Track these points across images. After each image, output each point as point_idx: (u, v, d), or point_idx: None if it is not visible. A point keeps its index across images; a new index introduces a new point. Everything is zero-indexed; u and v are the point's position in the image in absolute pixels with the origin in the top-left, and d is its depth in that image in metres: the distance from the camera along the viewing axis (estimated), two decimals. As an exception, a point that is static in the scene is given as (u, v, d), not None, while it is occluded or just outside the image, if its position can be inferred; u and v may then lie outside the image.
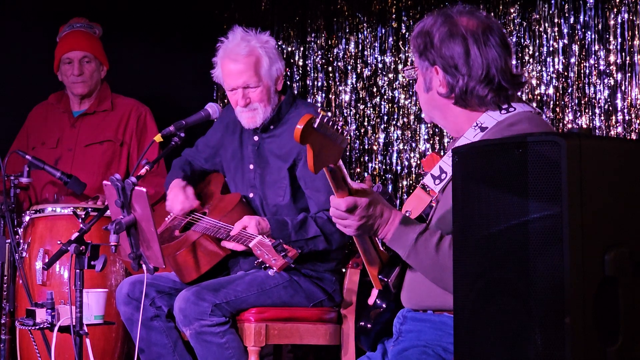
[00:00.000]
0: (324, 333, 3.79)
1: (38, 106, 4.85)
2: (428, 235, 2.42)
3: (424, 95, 2.57)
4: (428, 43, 2.50)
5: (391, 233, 2.43)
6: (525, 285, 1.94)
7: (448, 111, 2.54)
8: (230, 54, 3.75)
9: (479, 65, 2.47)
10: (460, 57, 2.47)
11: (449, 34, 2.48)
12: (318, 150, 2.18)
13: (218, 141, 4.01)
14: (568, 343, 1.88)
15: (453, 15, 2.51)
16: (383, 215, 2.42)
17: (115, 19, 5.23)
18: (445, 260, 2.37)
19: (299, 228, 3.65)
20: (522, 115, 2.47)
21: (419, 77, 2.57)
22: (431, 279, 2.44)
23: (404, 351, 2.47)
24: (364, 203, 2.38)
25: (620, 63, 4.46)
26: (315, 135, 2.15)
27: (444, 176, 2.50)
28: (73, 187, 4.37)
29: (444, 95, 2.51)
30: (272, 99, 3.79)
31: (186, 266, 3.68)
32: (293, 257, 3.29)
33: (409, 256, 2.43)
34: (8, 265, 4.12)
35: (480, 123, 2.49)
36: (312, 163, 2.19)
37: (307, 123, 2.13)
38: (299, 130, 2.12)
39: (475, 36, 2.48)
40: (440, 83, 2.51)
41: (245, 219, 3.61)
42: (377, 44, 5.31)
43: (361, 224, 2.41)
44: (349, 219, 2.40)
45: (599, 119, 4.53)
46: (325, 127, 2.16)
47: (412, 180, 5.14)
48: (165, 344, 3.71)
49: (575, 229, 1.90)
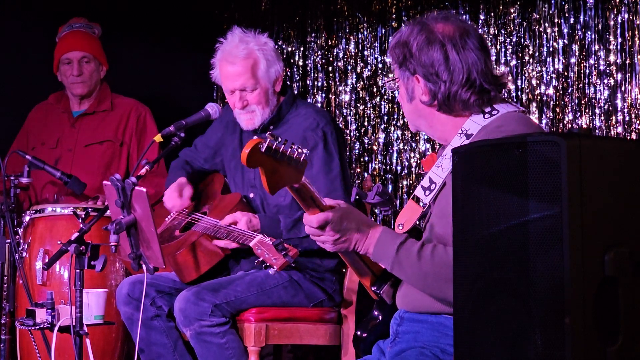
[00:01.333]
0: (324, 333, 3.79)
1: (38, 106, 4.85)
2: (409, 244, 2.42)
3: (408, 105, 2.57)
4: (407, 53, 2.51)
5: (372, 247, 2.44)
6: (525, 285, 1.94)
7: (433, 119, 2.54)
8: (228, 56, 3.75)
9: (460, 69, 2.47)
10: (441, 64, 2.47)
11: (427, 42, 2.48)
12: (270, 172, 2.23)
13: (218, 141, 4.01)
14: (568, 343, 1.88)
15: (428, 23, 2.51)
16: (360, 230, 2.43)
17: (115, 19, 5.23)
18: (427, 267, 2.38)
19: (292, 227, 3.65)
20: (508, 116, 2.47)
21: (400, 88, 2.57)
22: (418, 288, 2.44)
23: (402, 352, 2.47)
24: (335, 218, 2.40)
25: (620, 63, 4.46)
26: (264, 159, 2.20)
27: (434, 187, 2.51)
28: (73, 187, 4.37)
29: (427, 103, 2.51)
30: (270, 101, 3.79)
31: (186, 266, 3.68)
32: (294, 257, 3.29)
33: (393, 268, 2.43)
34: (8, 265, 4.12)
35: (466, 130, 2.48)
36: (266, 185, 2.24)
37: (252, 147, 2.19)
38: (245, 154, 2.18)
39: (453, 41, 2.48)
40: (422, 91, 2.51)
41: (238, 214, 3.62)
42: (377, 44, 5.31)
43: (336, 239, 2.43)
44: (323, 235, 2.43)
45: (599, 119, 4.53)
46: (275, 151, 2.20)
47: (412, 180, 5.14)
48: (166, 344, 3.71)
49: (575, 229, 1.90)
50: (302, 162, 2.26)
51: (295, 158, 2.24)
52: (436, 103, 2.50)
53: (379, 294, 2.61)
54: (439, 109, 2.51)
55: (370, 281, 2.60)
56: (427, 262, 2.39)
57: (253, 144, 2.19)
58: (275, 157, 2.21)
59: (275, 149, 2.21)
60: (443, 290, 2.38)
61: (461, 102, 2.48)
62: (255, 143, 2.19)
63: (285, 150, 2.23)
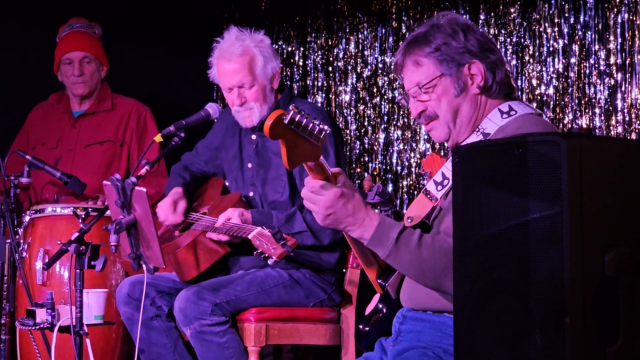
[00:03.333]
0: (324, 333, 3.79)
1: (38, 106, 4.85)
2: (409, 232, 2.39)
3: (454, 100, 2.51)
4: (445, 46, 2.48)
5: (369, 233, 2.38)
6: (525, 285, 1.94)
7: (482, 107, 2.52)
8: (225, 54, 3.76)
9: (492, 46, 2.51)
10: (482, 43, 2.49)
11: (455, 31, 2.49)
12: (291, 146, 2.17)
13: (219, 143, 4.01)
14: (568, 343, 1.88)
15: (436, 21, 2.52)
16: (355, 214, 2.37)
17: (115, 19, 5.23)
18: (426, 253, 2.36)
19: (285, 222, 3.66)
20: (527, 119, 2.46)
21: (441, 86, 2.50)
22: (412, 276, 2.42)
23: (404, 352, 2.46)
24: (332, 194, 2.32)
25: (620, 63, 4.46)
26: (286, 131, 2.14)
27: (447, 182, 2.48)
28: (73, 187, 4.37)
29: (486, 86, 2.49)
30: (268, 98, 3.80)
31: (186, 264, 3.69)
32: (292, 246, 3.29)
33: (389, 255, 2.39)
34: (8, 265, 4.12)
35: (483, 128, 2.47)
36: (286, 159, 2.18)
37: (276, 119, 2.12)
38: (268, 125, 2.11)
39: (471, 26, 2.52)
40: (481, 75, 2.49)
41: (229, 211, 3.62)
42: (377, 44, 5.31)
43: (327, 214, 2.35)
44: (315, 204, 2.35)
45: (599, 119, 4.53)
46: (298, 124, 2.15)
47: (412, 180, 5.14)
48: (166, 343, 3.71)
49: (575, 229, 1.90)
50: (322, 138, 2.21)
51: (316, 134, 2.19)
52: (490, 84, 2.49)
53: (384, 287, 2.59)
54: (490, 90, 2.50)
55: (377, 273, 2.59)
56: (427, 248, 2.37)
57: (276, 115, 2.12)
58: (297, 130, 2.15)
59: (297, 121, 2.15)
60: (438, 279, 2.36)
61: (506, 76, 2.50)
62: (278, 114, 2.12)
63: (307, 125, 2.17)
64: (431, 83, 2.50)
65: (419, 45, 2.51)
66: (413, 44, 2.52)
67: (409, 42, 2.53)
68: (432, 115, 2.53)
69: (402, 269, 2.43)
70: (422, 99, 2.52)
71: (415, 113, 2.55)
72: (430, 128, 2.56)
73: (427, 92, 2.51)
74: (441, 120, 2.52)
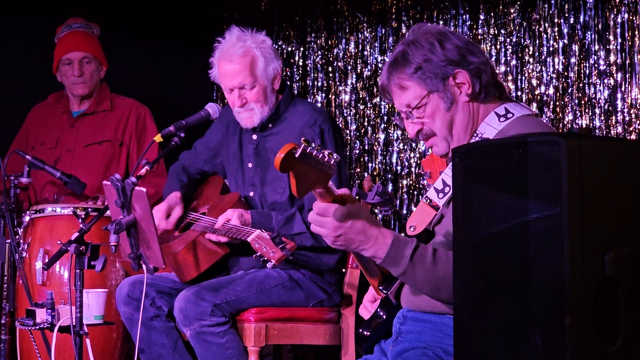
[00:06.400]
0: (324, 333, 3.79)
1: (37, 106, 4.85)
2: (422, 249, 2.36)
3: (446, 115, 2.50)
4: (425, 64, 2.46)
5: (383, 252, 2.34)
6: (525, 286, 1.94)
7: (476, 114, 2.50)
8: (226, 55, 3.76)
9: (472, 48, 2.49)
10: (460, 49, 2.47)
11: (431, 43, 2.47)
12: (301, 178, 2.17)
13: (219, 142, 4.01)
14: (568, 343, 1.88)
15: (409, 38, 2.50)
16: (367, 231, 2.33)
17: (114, 19, 5.23)
18: (443, 270, 2.33)
19: (284, 223, 3.66)
20: (526, 121, 2.45)
21: (431, 104, 2.49)
22: (429, 293, 2.40)
23: (404, 352, 2.46)
24: (340, 213, 2.28)
25: (620, 63, 4.46)
26: (297, 164, 2.14)
27: (448, 190, 2.47)
28: (73, 187, 4.37)
29: (474, 94, 2.48)
30: (269, 99, 3.80)
31: (186, 264, 3.69)
32: (291, 250, 3.29)
33: (404, 273, 2.36)
34: (8, 265, 4.12)
35: (480, 133, 2.47)
36: (295, 189, 2.17)
37: (287, 153, 2.11)
38: (279, 159, 2.11)
39: (447, 33, 2.50)
40: (467, 84, 2.47)
41: (229, 212, 3.62)
42: (377, 44, 5.31)
43: (337, 235, 2.31)
44: (323, 228, 2.31)
45: (599, 119, 4.53)
46: (309, 157, 2.14)
47: (412, 180, 5.14)
48: (165, 344, 3.71)
49: (575, 229, 1.90)
50: (332, 166, 2.20)
51: (326, 163, 2.18)
52: (478, 90, 2.47)
53: (386, 294, 2.59)
54: (485, 95, 2.48)
55: (379, 281, 2.58)
56: (443, 265, 2.34)
57: (287, 149, 2.11)
58: (308, 163, 2.15)
59: (308, 154, 2.14)
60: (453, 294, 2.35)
61: (494, 78, 2.48)
62: (290, 148, 2.11)
63: (317, 156, 2.16)
64: (420, 103, 2.49)
65: (400, 67, 2.49)
66: (394, 67, 2.51)
67: (390, 65, 2.52)
68: (429, 133, 2.53)
69: (416, 286, 2.41)
70: (416, 120, 2.52)
71: (412, 133, 2.54)
72: (430, 144, 2.55)
73: (419, 112, 2.50)
74: (439, 136, 2.52)
